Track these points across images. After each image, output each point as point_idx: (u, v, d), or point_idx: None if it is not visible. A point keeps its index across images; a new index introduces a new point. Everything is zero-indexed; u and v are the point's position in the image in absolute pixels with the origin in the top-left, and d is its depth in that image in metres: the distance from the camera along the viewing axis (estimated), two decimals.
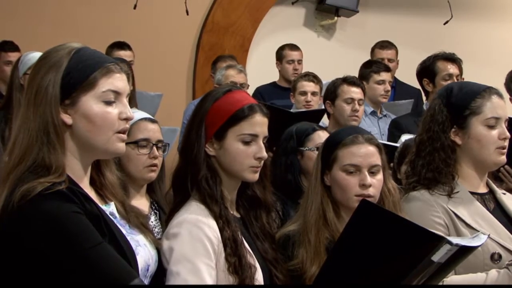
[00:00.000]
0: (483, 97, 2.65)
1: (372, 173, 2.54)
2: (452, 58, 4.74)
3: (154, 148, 3.06)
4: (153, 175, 3.05)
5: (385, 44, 6.41)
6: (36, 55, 4.22)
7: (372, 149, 2.56)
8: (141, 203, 3.01)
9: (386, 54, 6.20)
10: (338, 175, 2.54)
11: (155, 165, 3.05)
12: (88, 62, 2.00)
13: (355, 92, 4.58)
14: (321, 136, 3.51)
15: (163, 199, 3.11)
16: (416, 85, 6.06)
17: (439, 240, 2.00)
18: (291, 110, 4.74)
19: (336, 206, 2.55)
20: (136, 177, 3.03)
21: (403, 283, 2.04)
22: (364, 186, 2.51)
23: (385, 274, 2.05)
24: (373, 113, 5.38)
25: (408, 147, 3.51)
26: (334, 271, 2.13)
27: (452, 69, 4.70)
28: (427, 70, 4.73)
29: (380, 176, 2.55)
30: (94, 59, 2.03)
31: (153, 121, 3.14)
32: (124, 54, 5.81)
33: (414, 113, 4.90)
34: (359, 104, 4.58)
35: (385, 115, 5.43)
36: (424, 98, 5.28)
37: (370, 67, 5.44)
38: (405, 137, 3.79)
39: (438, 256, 2.01)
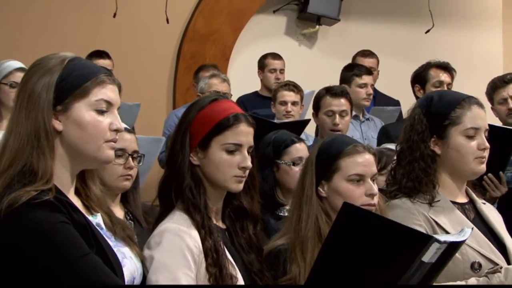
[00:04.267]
0: (462, 107, 2.67)
1: (372, 181, 2.57)
2: (445, 67, 4.79)
3: (130, 158, 3.06)
4: (128, 184, 3.06)
5: (367, 53, 6.46)
6: (12, 63, 4.20)
7: (372, 157, 2.60)
8: (116, 212, 2.96)
9: (367, 62, 6.24)
10: (342, 185, 2.54)
11: (129, 175, 3.05)
12: (82, 71, 2.03)
13: (337, 104, 4.52)
14: (299, 149, 3.51)
15: (138, 210, 3.12)
16: (396, 94, 6.13)
17: (427, 240, 2.00)
18: (274, 120, 4.77)
19: (329, 218, 2.54)
20: (110, 186, 3.03)
21: None
22: (371, 195, 2.53)
23: (377, 279, 2.04)
24: (355, 117, 5.38)
25: (380, 157, 3.51)
26: (322, 276, 2.13)
27: (443, 76, 4.75)
28: (419, 77, 4.78)
29: (375, 184, 2.58)
30: (89, 68, 2.06)
31: (129, 131, 3.13)
32: (103, 63, 5.80)
33: (403, 121, 4.92)
34: (341, 116, 4.52)
35: (367, 119, 5.45)
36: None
37: (352, 70, 5.46)
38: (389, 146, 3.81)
39: (428, 256, 2.00)
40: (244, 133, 2.37)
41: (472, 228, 2.36)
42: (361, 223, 2.08)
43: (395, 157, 2.79)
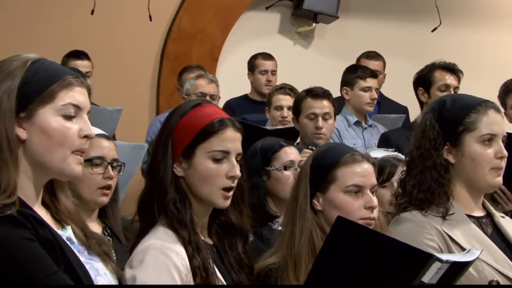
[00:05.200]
0: (478, 112, 2.67)
1: (372, 193, 2.57)
2: (451, 68, 4.80)
3: (109, 167, 3.06)
4: (105, 199, 3.05)
5: (372, 54, 6.48)
6: None
7: (371, 167, 2.60)
8: (93, 228, 2.95)
9: (372, 65, 6.21)
10: (339, 197, 2.54)
11: (109, 186, 3.05)
12: (47, 73, 2.02)
13: (319, 106, 4.52)
14: (289, 153, 3.52)
15: (117, 225, 3.11)
16: (402, 99, 6.12)
17: (427, 258, 2.00)
18: (266, 127, 4.76)
19: (324, 234, 2.53)
20: (87, 199, 3.02)
21: None
22: (371, 208, 2.53)
23: None
24: (357, 123, 5.40)
25: (381, 168, 3.49)
26: None
27: (450, 79, 4.77)
28: (423, 79, 4.80)
29: (375, 197, 2.58)
30: (54, 70, 2.04)
31: (107, 138, 3.14)
32: (81, 64, 5.81)
33: (406, 127, 4.93)
34: (324, 119, 4.52)
35: (370, 125, 5.46)
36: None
37: (355, 72, 5.46)
38: (375, 153, 3.80)
39: (429, 276, 2.01)
40: (231, 139, 2.37)
41: (482, 250, 2.36)
42: (356, 239, 2.08)
43: (401, 168, 2.78)
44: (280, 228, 3.15)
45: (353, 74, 5.45)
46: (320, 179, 2.56)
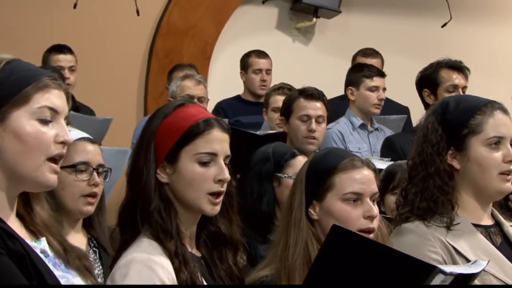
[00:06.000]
0: (484, 113, 2.68)
1: (372, 202, 2.57)
2: (458, 67, 4.80)
3: (95, 173, 3.05)
4: (90, 209, 3.04)
5: (369, 52, 6.48)
6: None
7: (372, 174, 2.59)
8: (77, 240, 2.98)
9: (370, 63, 6.16)
10: (336, 205, 2.54)
11: (94, 194, 3.04)
12: (22, 74, 2.02)
13: (313, 107, 4.52)
14: (302, 162, 3.53)
15: (104, 235, 3.10)
16: (405, 100, 6.11)
17: (430, 270, 2.01)
18: (257, 132, 4.76)
19: (320, 244, 2.50)
20: (70, 208, 3.01)
21: None
22: (371, 218, 2.53)
23: None
24: (363, 126, 5.41)
25: (393, 174, 3.54)
26: None
27: (458, 79, 4.76)
28: (428, 80, 4.79)
29: (376, 206, 2.58)
30: (30, 71, 2.05)
31: (92, 141, 3.13)
32: (64, 58, 5.82)
33: (410, 131, 4.93)
34: (318, 122, 4.52)
35: (376, 129, 5.47)
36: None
37: (361, 71, 5.46)
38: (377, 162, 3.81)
39: None
40: (218, 140, 2.37)
41: (488, 261, 2.36)
42: (353, 250, 2.08)
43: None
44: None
45: (358, 73, 5.45)
46: (317, 187, 2.57)
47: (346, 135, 5.34)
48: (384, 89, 5.48)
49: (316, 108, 4.52)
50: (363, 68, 5.53)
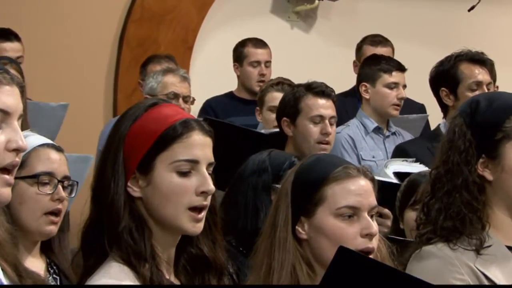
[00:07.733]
0: None
1: (371, 217, 2.58)
2: (480, 60, 4.79)
3: (59, 186, 3.06)
4: (53, 229, 3.04)
5: (378, 40, 6.49)
6: None
7: (369, 184, 2.61)
8: (34, 265, 2.98)
9: (379, 53, 6.17)
10: (329, 222, 2.56)
11: (58, 212, 3.04)
12: None
13: (325, 106, 4.55)
14: None
15: (65, 260, 3.10)
16: (420, 97, 6.11)
17: None
18: (260, 131, 4.77)
19: (311, 268, 2.55)
20: (29, 228, 3.02)
21: None
22: (369, 236, 2.55)
23: None
24: (378, 130, 5.43)
25: (415, 185, 3.53)
26: None
27: (481, 74, 4.74)
28: (446, 76, 4.78)
29: (375, 222, 2.59)
30: None
31: (57, 149, 3.15)
32: (10, 47, 5.79)
33: (426, 137, 4.93)
34: (331, 124, 4.55)
35: (394, 133, 5.49)
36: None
37: (378, 64, 5.46)
38: (393, 166, 3.79)
39: None
40: (199, 145, 2.39)
41: None
42: (364, 277, 2.10)
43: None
44: None
45: (375, 66, 5.46)
46: (305, 200, 2.59)
47: (358, 140, 5.36)
48: (404, 86, 5.48)
49: (329, 107, 4.56)
50: (380, 61, 5.54)
